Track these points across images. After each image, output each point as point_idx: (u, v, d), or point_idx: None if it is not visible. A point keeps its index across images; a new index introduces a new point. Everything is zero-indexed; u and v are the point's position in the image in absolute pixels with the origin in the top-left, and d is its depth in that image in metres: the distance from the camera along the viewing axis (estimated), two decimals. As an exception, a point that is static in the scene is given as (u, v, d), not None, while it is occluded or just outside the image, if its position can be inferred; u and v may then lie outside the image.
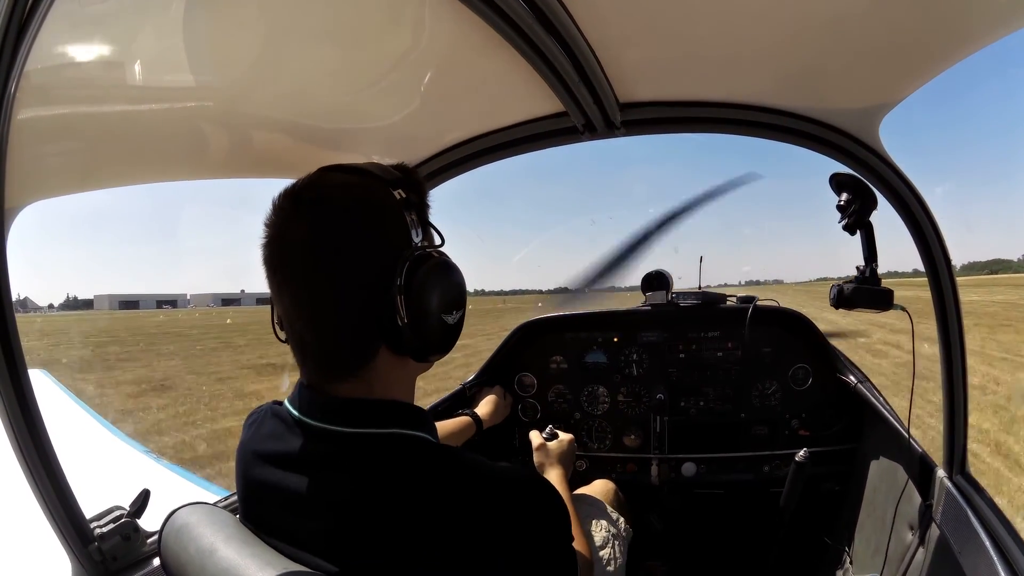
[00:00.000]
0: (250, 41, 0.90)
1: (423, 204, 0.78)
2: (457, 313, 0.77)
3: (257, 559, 0.67)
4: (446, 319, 0.75)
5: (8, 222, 0.88)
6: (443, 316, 0.74)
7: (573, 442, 1.60)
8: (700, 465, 2.08)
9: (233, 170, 1.33)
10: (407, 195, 0.75)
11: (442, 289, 0.73)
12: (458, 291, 0.77)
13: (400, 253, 0.71)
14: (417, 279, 0.71)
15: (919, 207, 1.24)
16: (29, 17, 0.66)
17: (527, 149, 1.47)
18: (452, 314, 0.76)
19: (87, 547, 0.94)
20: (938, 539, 1.27)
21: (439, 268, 0.74)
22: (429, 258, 0.73)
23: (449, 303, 0.75)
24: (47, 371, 5.40)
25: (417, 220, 0.75)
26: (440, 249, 0.78)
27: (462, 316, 0.79)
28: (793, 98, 1.20)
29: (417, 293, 0.71)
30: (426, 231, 0.78)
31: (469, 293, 0.83)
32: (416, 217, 0.75)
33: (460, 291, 0.78)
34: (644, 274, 2.27)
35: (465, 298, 0.79)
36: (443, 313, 0.74)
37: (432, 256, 0.74)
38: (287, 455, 0.74)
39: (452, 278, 0.76)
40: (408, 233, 0.74)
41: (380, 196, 0.74)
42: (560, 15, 0.86)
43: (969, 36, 0.90)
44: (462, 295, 0.78)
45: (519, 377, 2.27)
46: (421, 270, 0.71)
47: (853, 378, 1.90)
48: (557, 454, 1.53)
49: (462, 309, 0.79)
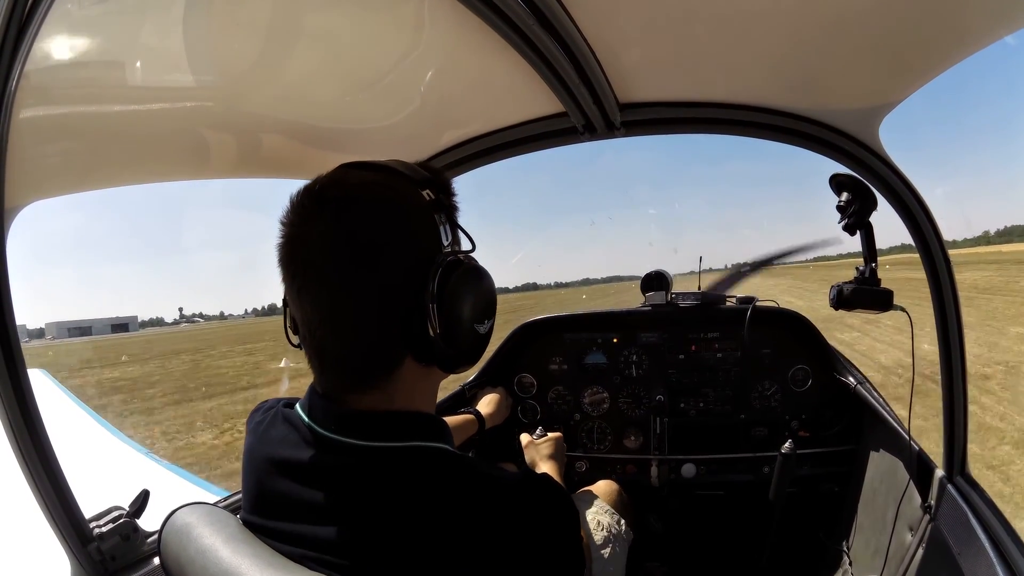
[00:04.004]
0: (250, 41, 0.90)
1: (452, 206, 0.76)
2: (488, 323, 0.75)
3: (257, 559, 0.67)
4: (478, 329, 0.72)
5: (8, 222, 0.88)
6: (475, 326, 0.72)
7: (561, 439, 1.62)
8: (700, 466, 2.08)
9: (233, 170, 1.34)
10: (436, 196, 0.72)
11: (475, 297, 0.71)
12: (490, 299, 0.75)
13: (431, 257, 0.68)
14: (449, 286, 0.68)
15: (919, 208, 1.24)
16: (29, 17, 0.66)
17: (527, 149, 1.48)
18: (484, 323, 0.74)
19: (86, 547, 0.94)
20: (938, 540, 1.26)
21: (472, 275, 0.71)
22: (461, 264, 0.70)
23: (481, 312, 0.72)
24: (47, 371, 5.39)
25: (447, 223, 0.73)
26: (470, 254, 0.74)
27: (492, 326, 0.76)
28: (793, 99, 1.20)
29: (449, 301, 0.67)
30: (455, 234, 0.75)
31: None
32: (446, 219, 0.73)
33: (492, 299, 0.75)
34: (644, 274, 2.27)
35: (495, 307, 0.77)
36: (475, 323, 0.72)
37: (463, 262, 0.71)
38: (302, 465, 0.71)
39: (484, 285, 0.73)
40: (439, 236, 0.71)
41: (409, 196, 0.71)
42: (560, 16, 0.86)
43: (969, 36, 0.90)
44: (494, 304, 0.76)
45: (519, 378, 2.27)
46: (453, 277, 0.68)
47: (852, 379, 1.90)
48: (547, 452, 1.57)
49: (493, 318, 0.76)
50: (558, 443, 1.60)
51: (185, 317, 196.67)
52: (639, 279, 2.30)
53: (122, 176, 1.21)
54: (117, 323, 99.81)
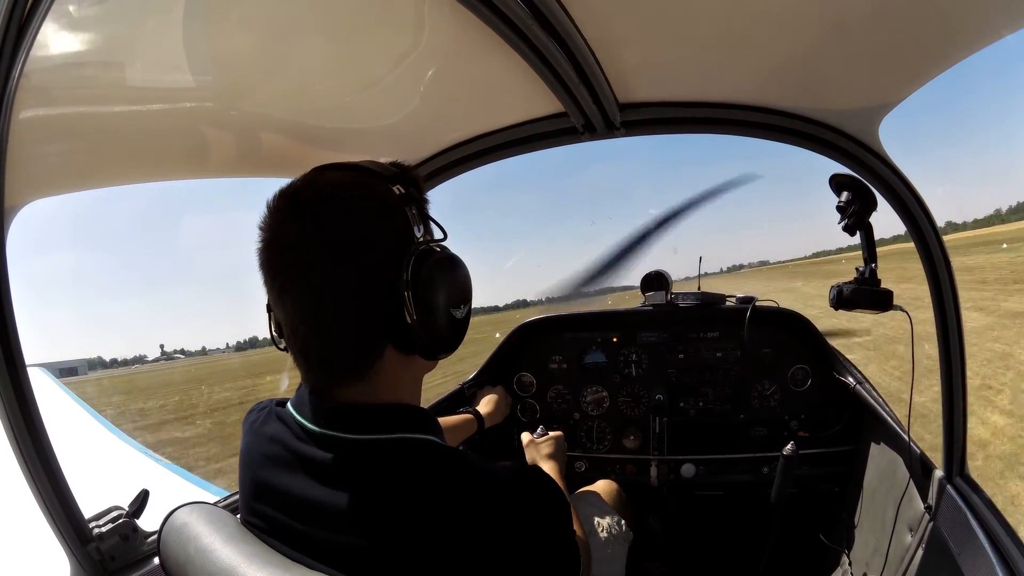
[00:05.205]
0: (250, 41, 0.90)
1: (422, 199, 0.78)
2: (464, 307, 0.77)
3: (257, 559, 0.67)
4: (454, 314, 0.75)
5: (8, 222, 0.89)
6: (451, 311, 0.74)
7: (561, 438, 1.63)
8: (699, 466, 2.08)
9: (233, 169, 1.34)
10: (406, 190, 0.75)
11: (449, 283, 0.73)
12: (465, 285, 0.77)
13: (405, 248, 0.71)
14: (423, 274, 0.70)
15: (919, 208, 1.24)
16: (29, 17, 0.67)
17: (527, 149, 1.48)
18: (460, 308, 0.76)
19: (86, 547, 0.94)
20: (937, 541, 1.27)
21: (445, 262, 0.73)
22: (434, 252, 0.73)
23: (457, 297, 0.75)
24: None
25: (418, 215, 0.75)
26: (443, 243, 0.77)
27: (469, 311, 0.79)
28: (793, 99, 1.20)
29: (424, 288, 0.70)
30: (427, 226, 0.78)
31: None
32: (417, 212, 0.75)
33: (467, 285, 0.78)
34: (644, 274, 2.27)
35: (471, 292, 0.79)
36: (451, 308, 0.74)
37: (436, 250, 0.73)
38: (295, 461, 0.73)
39: (458, 272, 0.76)
40: (410, 228, 0.73)
41: (380, 192, 0.73)
42: (559, 15, 0.86)
43: (969, 36, 0.90)
44: (468, 289, 0.78)
45: (518, 377, 2.27)
46: (427, 265, 0.71)
47: (852, 379, 1.90)
48: (547, 451, 1.57)
49: (469, 303, 0.78)
50: (558, 442, 1.61)
51: (166, 354, 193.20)
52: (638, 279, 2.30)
53: (122, 176, 1.21)
54: (65, 367, 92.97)
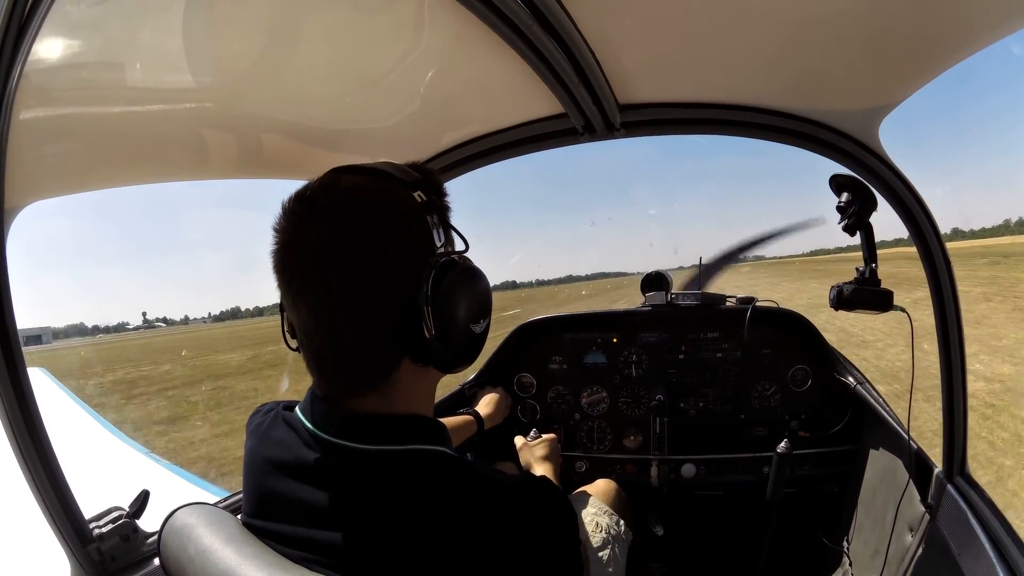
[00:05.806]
0: (250, 41, 0.90)
1: (444, 206, 0.75)
2: (484, 322, 0.75)
3: (257, 560, 0.67)
4: (473, 328, 0.73)
5: (8, 222, 0.89)
6: (471, 325, 0.72)
7: (555, 440, 1.63)
8: (700, 466, 2.08)
9: (233, 171, 1.33)
10: (428, 197, 0.72)
11: (470, 297, 0.71)
12: (485, 299, 0.75)
13: (424, 259, 0.68)
14: (444, 287, 0.67)
15: (919, 208, 1.24)
16: (29, 17, 0.66)
17: (527, 150, 1.48)
18: (479, 323, 0.74)
19: (86, 547, 0.94)
20: (938, 541, 1.27)
21: (466, 275, 0.71)
22: (455, 264, 0.70)
23: (477, 312, 0.73)
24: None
25: (439, 223, 0.72)
26: (464, 254, 0.74)
27: (488, 325, 0.76)
28: (793, 99, 1.20)
29: (444, 302, 0.67)
30: (448, 235, 0.75)
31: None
32: (438, 220, 0.72)
33: (487, 299, 0.75)
34: (643, 275, 2.27)
35: (491, 306, 0.77)
36: (471, 323, 0.72)
37: (457, 262, 0.71)
38: (303, 467, 0.71)
39: (479, 285, 0.73)
40: (431, 238, 0.70)
41: (401, 199, 0.70)
42: (559, 16, 0.86)
43: (969, 36, 0.90)
44: (489, 303, 0.76)
45: (518, 378, 2.27)
46: (448, 277, 0.68)
47: (852, 379, 1.90)
48: (541, 453, 1.57)
49: (488, 317, 0.76)
50: (552, 444, 1.61)
51: (148, 322, 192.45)
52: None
53: (122, 177, 1.21)
54: (29, 335, 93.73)
